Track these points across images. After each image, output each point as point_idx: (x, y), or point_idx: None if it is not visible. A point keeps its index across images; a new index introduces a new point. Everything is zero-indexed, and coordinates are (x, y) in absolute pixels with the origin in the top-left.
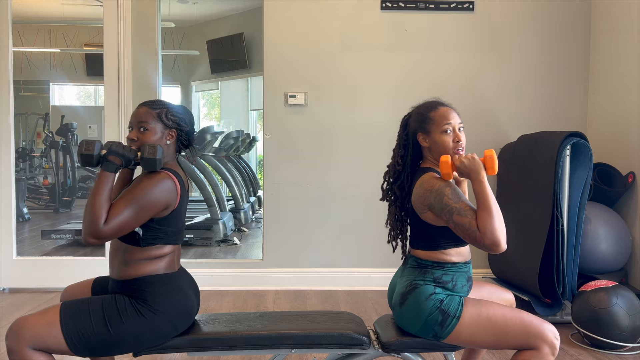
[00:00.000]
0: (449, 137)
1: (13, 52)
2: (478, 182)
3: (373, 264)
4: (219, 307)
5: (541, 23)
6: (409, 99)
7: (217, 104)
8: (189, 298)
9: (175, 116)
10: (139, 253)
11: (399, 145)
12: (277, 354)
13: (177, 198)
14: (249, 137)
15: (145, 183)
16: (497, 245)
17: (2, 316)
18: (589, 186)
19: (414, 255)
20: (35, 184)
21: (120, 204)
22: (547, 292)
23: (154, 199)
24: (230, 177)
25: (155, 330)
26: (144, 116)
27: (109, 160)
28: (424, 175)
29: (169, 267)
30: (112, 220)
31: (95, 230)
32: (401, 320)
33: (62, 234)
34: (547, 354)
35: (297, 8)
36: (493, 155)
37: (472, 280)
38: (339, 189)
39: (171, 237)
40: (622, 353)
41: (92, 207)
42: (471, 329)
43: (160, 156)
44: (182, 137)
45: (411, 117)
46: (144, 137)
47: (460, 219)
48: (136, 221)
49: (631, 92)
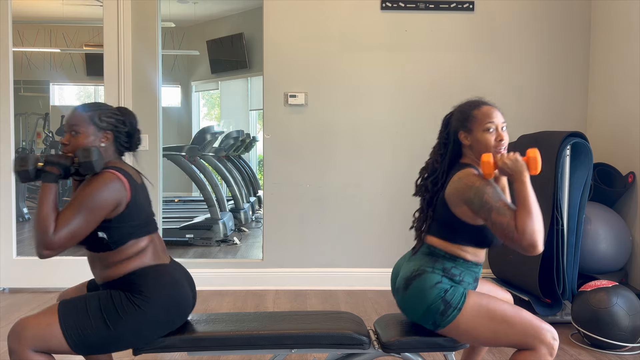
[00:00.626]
0: (492, 135)
1: (13, 52)
2: (520, 182)
3: (373, 264)
4: (219, 307)
5: (541, 23)
6: (409, 99)
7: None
8: (183, 288)
9: (111, 118)
10: (116, 256)
11: (439, 144)
12: (277, 354)
13: (127, 193)
14: (249, 137)
15: (89, 187)
16: (534, 247)
17: (2, 316)
18: (589, 186)
19: (429, 243)
20: (36, 184)
21: (67, 211)
22: (547, 292)
23: (102, 200)
24: (230, 177)
25: (153, 323)
26: (74, 119)
27: (46, 171)
28: (463, 170)
29: (156, 259)
30: (62, 228)
31: (45, 241)
32: (403, 304)
33: None
34: (544, 354)
35: (297, 8)
36: (537, 156)
37: (478, 282)
38: (339, 189)
39: (140, 229)
40: (622, 353)
41: (38, 218)
42: (470, 322)
43: (96, 157)
44: (121, 139)
45: (453, 115)
46: (75, 140)
47: (499, 218)
48: (87, 225)
49: (631, 92)
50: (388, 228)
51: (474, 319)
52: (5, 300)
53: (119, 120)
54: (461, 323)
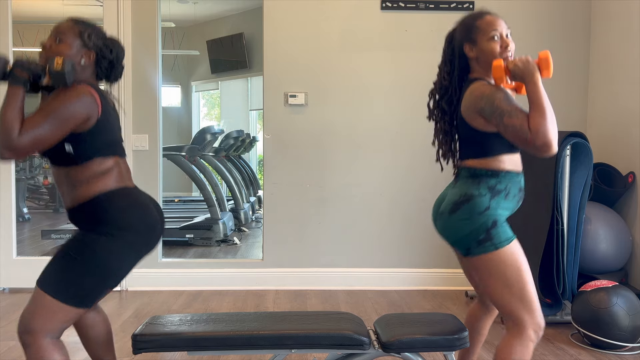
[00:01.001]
0: (497, 43)
1: (13, 52)
2: (532, 84)
3: (373, 264)
4: (219, 307)
5: (541, 23)
6: (409, 99)
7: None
8: (151, 210)
9: (100, 40)
10: (82, 172)
11: (444, 62)
12: (277, 354)
13: (97, 108)
14: (249, 137)
15: (61, 96)
16: (548, 146)
17: (2, 316)
18: (589, 186)
19: (466, 166)
20: (35, 184)
21: (36, 116)
22: (547, 292)
23: (72, 110)
24: (230, 177)
25: (131, 246)
26: (63, 27)
27: (15, 75)
28: (473, 84)
29: (120, 181)
30: (28, 132)
31: (9, 141)
32: (444, 227)
33: (62, 233)
34: (526, 339)
35: (297, 8)
36: (548, 57)
37: (523, 192)
38: (339, 189)
39: (108, 148)
40: (622, 353)
41: (3, 119)
42: (495, 266)
43: (69, 69)
44: (103, 64)
45: (456, 30)
46: (56, 47)
47: (511, 121)
48: (52, 134)
49: (631, 92)
50: (388, 228)
51: (499, 266)
52: (5, 300)
53: (107, 46)
54: (488, 261)
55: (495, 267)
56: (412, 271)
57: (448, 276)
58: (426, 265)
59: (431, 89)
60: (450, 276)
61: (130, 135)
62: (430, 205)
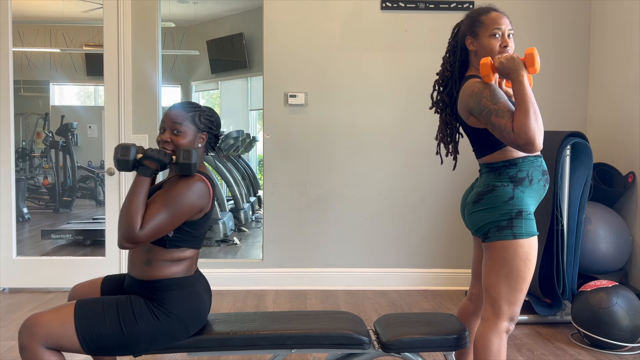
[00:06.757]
0: (497, 41)
1: (13, 52)
2: (517, 82)
3: (373, 264)
4: (219, 307)
5: (541, 23)
6: (409, 99)
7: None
8: (203, 301)
9: (208, 119)
10: (163, 254)
11: (448, 52)
12: (277, 354)
13: (209, 201)
14: (249, 137)
15: (180, 187)
16: (530, 144)
17: (2, 316)
18: (589, 186)
19: (484, 163)
20: (35, 184)
21: (156, 208)
22: (547, 292)
23: (190, 203)
24: (230, 177)
25: (168, 333)
26: (177, 118)
27: (144, 165)
28: (467, 82)
29: (188, 271)
30: (148, 224)
31: (131, 235)
32: (471, 216)
33: (62, 234)
34: (500, 329)
35: (297, 8)
36: (534, 53)
37: (548, 175)
38: (339, 189)
39: (196, 241)
40: (622, 353)
41: (128, 212)
42: (506, 256)
43: (195, 160)
44: (212, 141)
45: (462, 22)
46: (177, 139)
47: (497, 120)
48: (171, 225)
49: (631, 92)
50: (388, 228)
51: (510, 255)
52: (5, 300)
53: (213, 122)
54: (502, 247)
55: (505, 255)
56: (412, 271)
57: (448, 276)
58: (426, 265)
59: (435, 80)
60: (450, 276)
61: (130, 136)
62: (430, 205)
